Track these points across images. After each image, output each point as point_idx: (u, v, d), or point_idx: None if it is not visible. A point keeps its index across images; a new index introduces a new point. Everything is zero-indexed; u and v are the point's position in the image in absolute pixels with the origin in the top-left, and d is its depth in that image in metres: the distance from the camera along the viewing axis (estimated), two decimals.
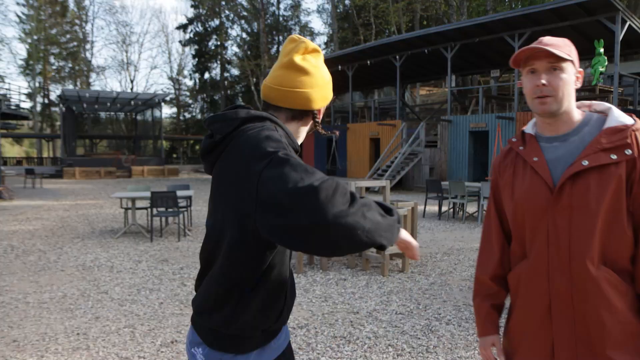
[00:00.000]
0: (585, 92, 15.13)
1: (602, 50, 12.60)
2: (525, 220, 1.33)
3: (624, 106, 14.06)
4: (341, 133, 21.46)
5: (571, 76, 1.28)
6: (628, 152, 1.21)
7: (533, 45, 1.28)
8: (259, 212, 1.01)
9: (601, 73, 12.95)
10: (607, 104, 1.34)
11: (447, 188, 9.81)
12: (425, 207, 10.68)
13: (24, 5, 41.95)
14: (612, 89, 13.49)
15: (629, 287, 1.24)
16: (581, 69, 1.32)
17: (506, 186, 1.42)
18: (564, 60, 1.26)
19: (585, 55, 17.35)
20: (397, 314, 4.05)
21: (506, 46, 15.97)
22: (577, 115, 1.33)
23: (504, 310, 1.54)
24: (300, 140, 1.29)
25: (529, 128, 1.44)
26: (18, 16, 44.91)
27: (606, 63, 12.95)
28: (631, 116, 1.28)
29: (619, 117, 1.27)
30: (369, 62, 19.41)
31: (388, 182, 5.96)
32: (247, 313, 1.15)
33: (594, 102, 1.38)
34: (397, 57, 18.52)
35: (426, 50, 17.18)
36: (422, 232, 8.18)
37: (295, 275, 5.25)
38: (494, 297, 1.48)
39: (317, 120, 1.30)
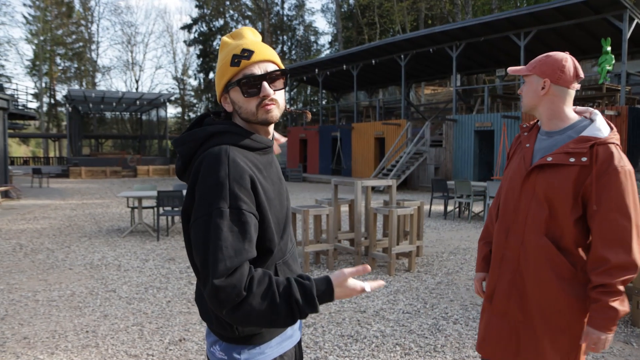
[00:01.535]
0: (592, 91, 15.04)
1: (609, 48, 12.50)
2: (507, 191, 1.72)
3: (631, 105, 13.94)
4: (346, 132, 21.44)
5: (534, 85, 1.63)
6: (584, 159, 1.51)
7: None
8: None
9: (608, 72, 12.84)
10: (599, 116, 1.62)
11: (453, 187, 9.80)
12: (430, 207, 10.66)
13: (30, 7, 42.16)
14: (619, 88, 13.40)
15: (564, 260, 1.56)
16: (546, 79, 1.60)
17: (508, 159, 1.81)
18: (527, 75, 1.65)
19: (592, 53, 17.26)
20: (404, 313, 4.05)
21: (512, 45, 15.89)
22: (567, 118, 1.63)
23: None
24: (267, 126, 1.20)
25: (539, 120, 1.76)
26: (25, 17, 45.12)
27: (613, 61, 12.84)
28: (611, 128, 1.57)
29: (595, 129, 1.55)
30: (373, 61, 19.38)
31: (394, 182, 5.95)
32: None
33: (591, 109, 1.66)
34: (402, 56, 18.48)
35: (431, 50, 17.14)
36: (428, 232, 8.17)
37: None
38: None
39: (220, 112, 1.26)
